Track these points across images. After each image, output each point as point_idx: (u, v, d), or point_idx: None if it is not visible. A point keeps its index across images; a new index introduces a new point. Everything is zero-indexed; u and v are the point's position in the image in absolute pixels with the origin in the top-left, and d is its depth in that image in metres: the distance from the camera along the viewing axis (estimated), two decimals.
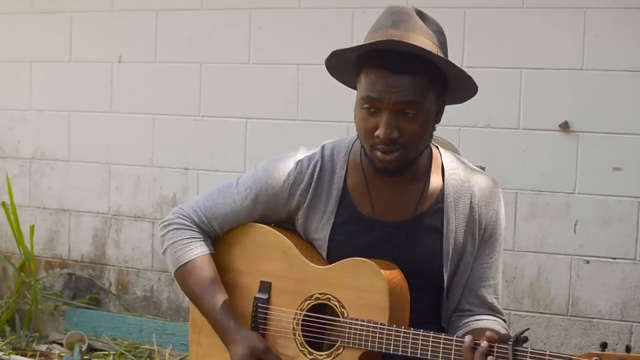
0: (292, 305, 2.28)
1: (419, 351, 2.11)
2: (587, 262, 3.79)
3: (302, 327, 2.27)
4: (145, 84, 4.55)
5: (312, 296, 2.26)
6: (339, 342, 2.20)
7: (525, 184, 3.87)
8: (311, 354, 2.24)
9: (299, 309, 2.28)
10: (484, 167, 2.55)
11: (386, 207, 2.29)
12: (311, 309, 2.26)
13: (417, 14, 2.21)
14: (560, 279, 3.84)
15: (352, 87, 2.29)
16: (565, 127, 3.78)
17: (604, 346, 1.96)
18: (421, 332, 2.11)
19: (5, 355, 4.31)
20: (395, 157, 2.18)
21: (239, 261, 2.39)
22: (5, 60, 4.88)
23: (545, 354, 1.99)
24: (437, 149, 2.37)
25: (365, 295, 2.18)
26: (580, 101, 3.77)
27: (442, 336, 2.10)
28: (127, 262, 4.63)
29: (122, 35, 4.59)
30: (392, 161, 2.18)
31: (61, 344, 4.51)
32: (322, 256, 2.32)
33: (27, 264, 4.70)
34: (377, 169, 2.22)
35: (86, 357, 4.31)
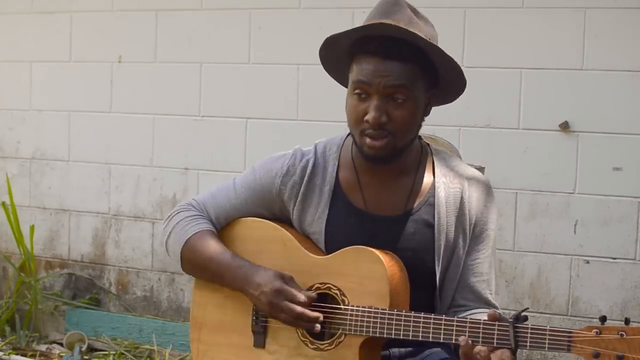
0: None
1: (420, 334, 2.13)
2: (587, 262, 3.79)
3: None
4: (145, 84, 4.55)
5: (313, 286, 2.27)
6: (340, 330, 2.21)
7: (525, 184, 3.87)
8: (313, 343, 2.25)
9: None
10: (483, 167, 2.55)
11: (378, 202, 2.32)
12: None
13: (409, 9, 2.25)
14: (560, 279, 3.83)
15: (344, 84, 2.33)
16: (565, 127, 3.78)
17: (603, 319, 1.97)
18: (422, 315, 2.13)
19: (5, 355, 4.31)
20: (384, 144, 2.21)
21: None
22: (5, 60, 4.88)
23: (545, 329, 2.02)
24: (427, 145, 2.40)
25: (365, 282, 2.20)
26: (580, 101, 3.77)
27: (443, 317, 2.12)
28: (127, 262, 4.63)
29: (122, 35, 4.59)
30: (381, 148, 2.22)
31: (61, 344, 4.51)
32: (321, 248, 2.33)
33: (27, 264, 4.70)
34: (366, 157, 2.26)
35: (86, 357, 4.31)
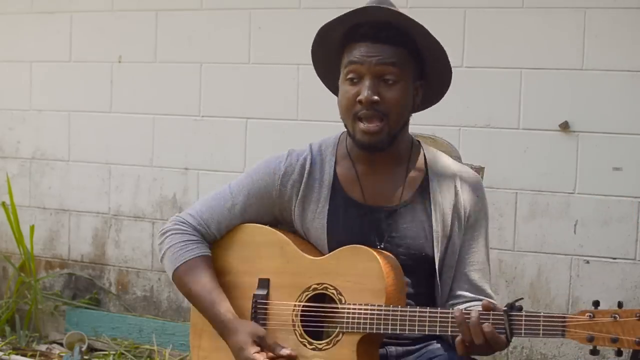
0: (291, 298, 2.30)
1: (416, 328, 2.15)
2: (587, 262, 3.79)
3: (302, 319, 2.28)
4: (145, 84, 4.55)
5: (310, 287, 2.28)
6: (337, 329, 2.22)
7: (525, 184, 3.87)
8: (311, 343, 2.26)
9: (297, 301, 2.29)
10: (483, 167, 2.56)
11: (375, 193, 2.36)
12: (309, 300, 2.29)
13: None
14: (560, 279, 3.83)
15: (333, 90, 2.42)
16: (565, 127, 3.78)
17: (596, 304, 1.99)
18: (418, 309, 2.15)
19: (5, 355, 4.31)
20: (378, 129, 2.26)
21: (237, 262, 2.41)
22: (5, 60, 4.88)
23: (539, 315, 2.05)
24: (418, 142, 2.44)
25: (361, 280, 2.22)
26: (580, 101, 3.77)
27: (439, 311, 2.14)
28: (127, 262, 4.63)
29: (122, 35, 4.59)
30: (376, 132, 2.26)
31: (61, 344, 4.51)
32: (320, 247, 2.35)
33: (27, 264, 4.70)
34: (361, 145, 2.30)
35: (86, 357, 4.31)
